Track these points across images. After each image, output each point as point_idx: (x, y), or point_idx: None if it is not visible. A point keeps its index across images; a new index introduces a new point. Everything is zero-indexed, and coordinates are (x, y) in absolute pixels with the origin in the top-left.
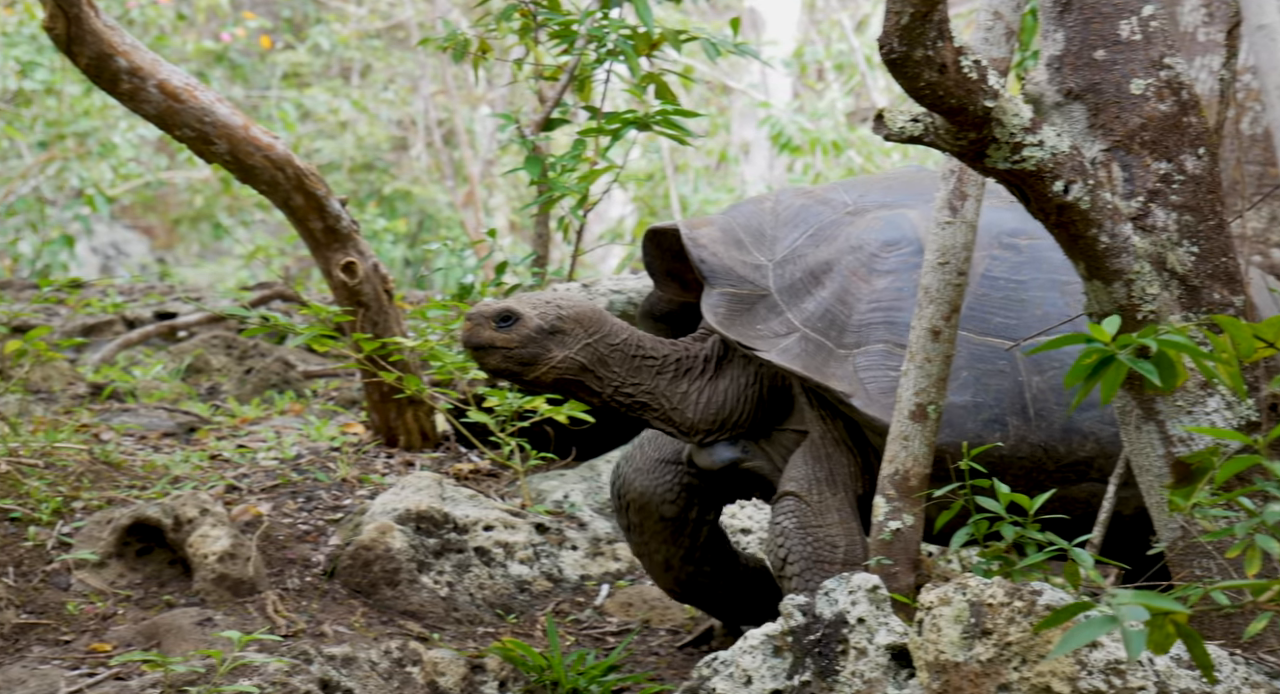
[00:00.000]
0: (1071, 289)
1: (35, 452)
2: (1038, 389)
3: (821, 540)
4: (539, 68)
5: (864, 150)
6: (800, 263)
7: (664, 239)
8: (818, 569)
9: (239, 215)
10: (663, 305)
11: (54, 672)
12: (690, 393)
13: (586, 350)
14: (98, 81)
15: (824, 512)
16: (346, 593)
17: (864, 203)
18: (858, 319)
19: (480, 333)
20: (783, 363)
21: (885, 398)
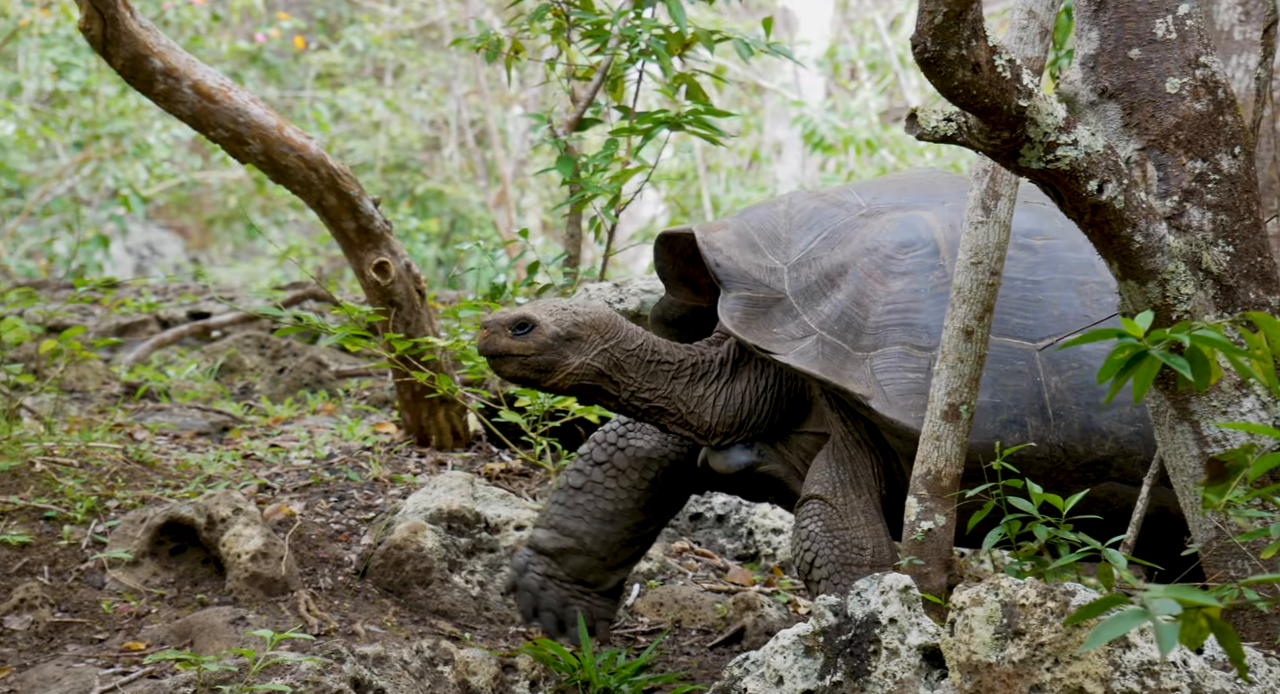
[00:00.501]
0: (1088, 289)
1: (70, 451)
2: (1056, 389)
3: (848, 543)
4: (572, 68)
5: (897, 149)
6: (815, 266)
7: (676, 243)
8: (845, 572)
9: (272, 215)
10: (675, 310)
11: (88, 670)
12: (707, 396)
13: (603, 356)
14: (133, 82)
15: (849, 514)
16: (378, 592)
17: (878, 205)
18: (874, 321)
19: (497, 341)
20: (800, 366)
21: (903, 400)
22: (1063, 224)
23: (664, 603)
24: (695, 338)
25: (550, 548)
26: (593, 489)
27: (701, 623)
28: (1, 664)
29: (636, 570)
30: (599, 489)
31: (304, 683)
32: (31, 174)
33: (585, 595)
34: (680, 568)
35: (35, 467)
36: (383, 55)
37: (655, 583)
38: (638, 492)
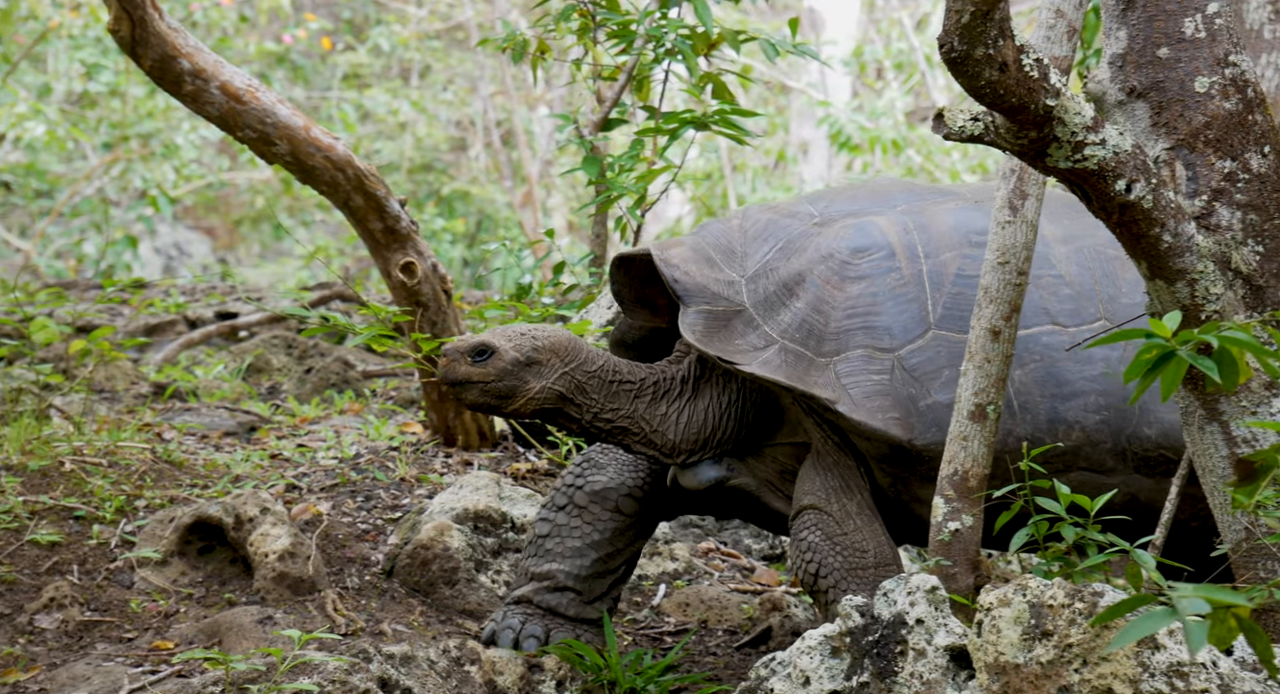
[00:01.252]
0: (1044, 282)
1: (99, 450)
2: (1020, 383)
3: (850, 547)
4: (597, 68)
5: (923, 149)
6: (772, 276)
7: (632, 266)
8: (852, 576)
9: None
10: (634, 333)
11: (117, 669)
12: (669, 414)
13: (564, 379)
14: (161, 83)
15: (846, 519)
16: (405, 592)
17: (830, 213)
18: (835, 327)
19: (456, 368)
20: (765, 374)
21: (869, 402)
22: None
23: (690, 603)
24: (654, 360)
25: (526, 594)
26: (558, 532)
27: (728, 623)
28: (32, 663)
29: (663, 571)
30: (564, 530)
31: (331, 682)
32: (61, 175)
33: (570, 623)
34: (706, 568)
35: (65, 466)
36: (409, 56)
37: (681, 583)
38: (602, 524)
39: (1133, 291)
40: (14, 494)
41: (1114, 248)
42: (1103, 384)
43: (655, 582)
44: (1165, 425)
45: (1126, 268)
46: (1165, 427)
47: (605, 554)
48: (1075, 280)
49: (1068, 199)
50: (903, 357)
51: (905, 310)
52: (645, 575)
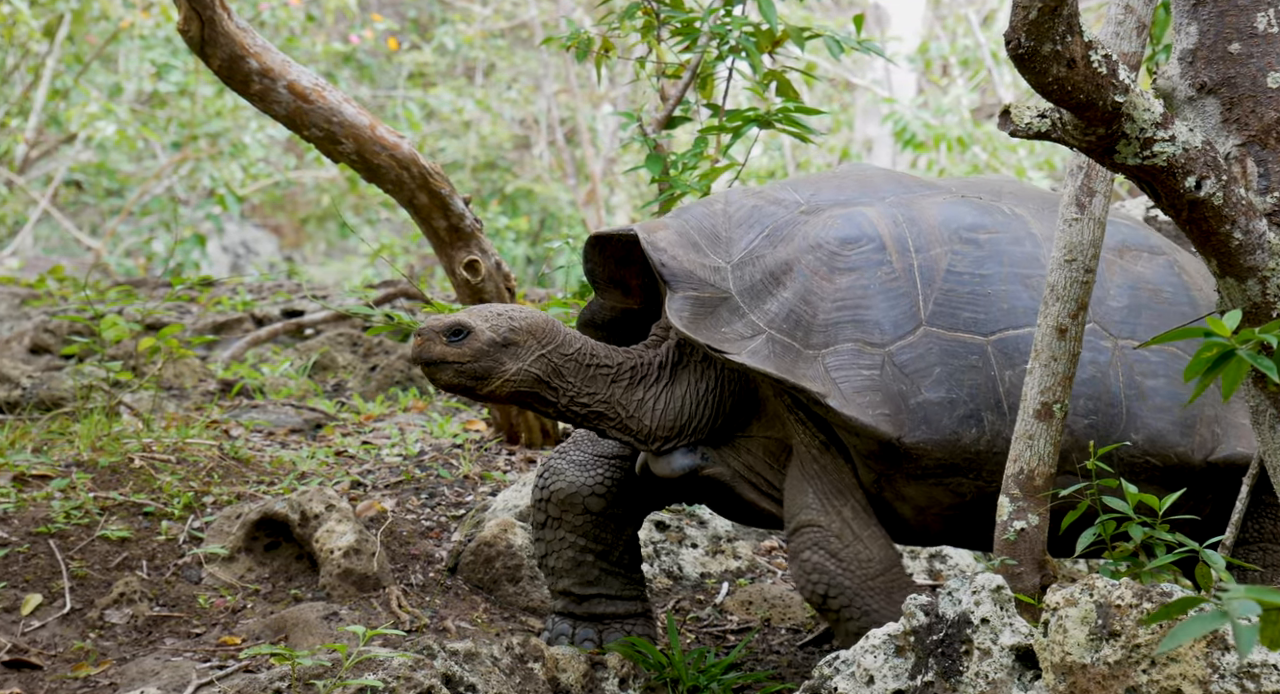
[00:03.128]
0: (1034, 282)
1: (168, 447)
2: (1010, 383)
3: (856, 561)
4: (661, 66)
5: (989, 146)
6: (759, 264)
7: (607, 246)
8: (864, 589)
9: (364, 214)
10: (605, 313)
11: (185, 664)
12: (646, 400)
13: (540, 361)
14: (229, 83)
15: (845, 530)
16: (469, 589)
17: (817, 202)
18: (823, 319)
19: (431, 348)
20: (754, 365)
21: (860, 397)
22: (1004, 219)
23: (753, 601)
24: (624, 341)
25: (561, 608)
26: (552, 549)
27: (791, 622)
28: (102, 657)
29: (726, 569)
30: (555, 545)
31: (396, 678)
32: (131, 174)
33: (615, 621)
34: (769, 566)
35: (134, 463)
36: (474, 54)
37: (744, 581)
38: (583, 528)
39: (1120, 294)
40: (85, 490)
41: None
42: (1091, 388)
43: (718, 580)
44: (1152, 431)
45: (1113, 269)
46: (1152, 433)
47: (600, 553)
48: None
49: (1051, 198)
50: (893, 352)
51: (896, 305)
52: (708, 573)
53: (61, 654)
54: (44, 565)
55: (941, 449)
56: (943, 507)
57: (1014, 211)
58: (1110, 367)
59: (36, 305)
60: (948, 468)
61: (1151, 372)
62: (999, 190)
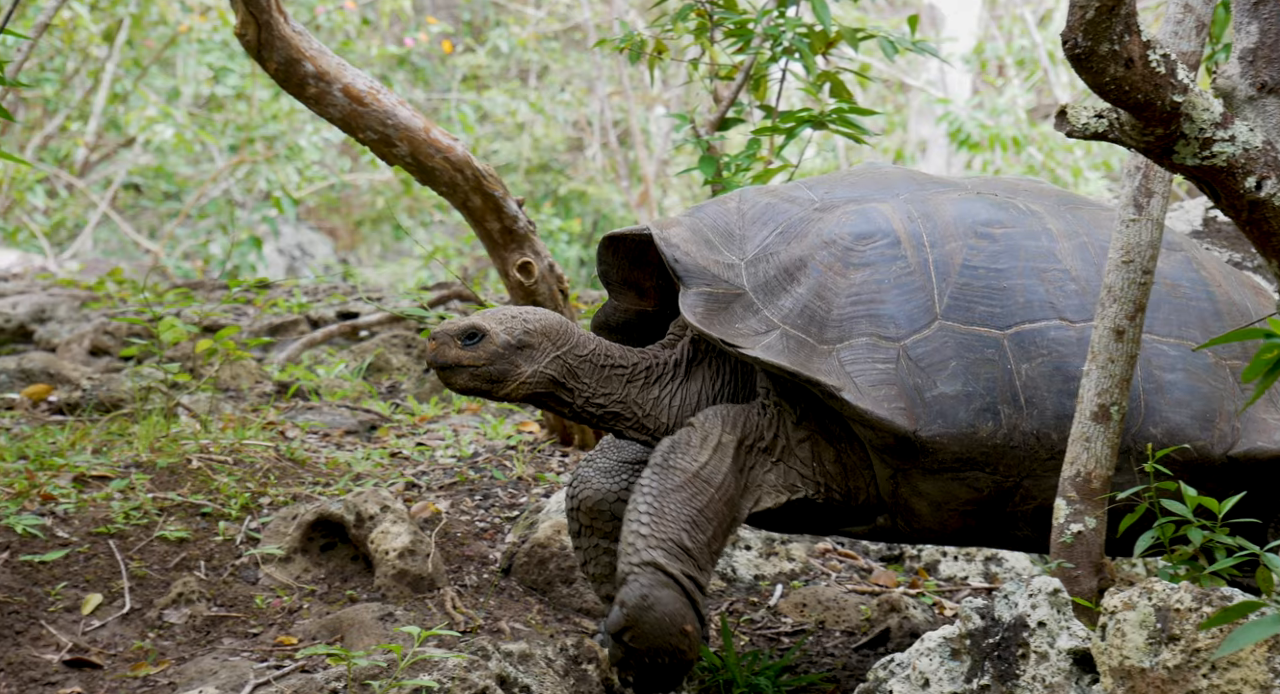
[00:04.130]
0: (1050, 277)
1: (225, 448)
2: (1027, 376)
3: (687, 453)
4: (714, 67)
5: (1045, 147)
6: (773, 260)
7: (621, 247)
8: (667, 471)
9: (419, 216)
10: (619, 315)
11: (243, 663)
12: (662, 398)
13: (555, 363)
14: (286, 86)
15: (707, 439)
16: (522, 590)
17: (831, 199)
18: (838, 313)
19: (446, 352)
20: (769, 359)
21: (875, 390)
22: (1019, 214)
23: (807, 604)
24: (638, 344)
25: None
26: (589, 556)
27: (845, 624)
28: (161, 657)
29: (779, 571)
30: (592, 552)
31: (451, 679)
32: (188, 177)
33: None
34: (823, 569)
35: (192, 464)
36: (527, 57)
37: (798, 583)
38: (616, 535)
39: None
40: (144, 491)
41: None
42: None
43: (772, 582)
44: (1171, 426)
45: None
46: (1172, 426)
47: None
48: (1080, 276)
49: (1066, 196)
50: (908, 346)
51: (911, 299)
52: (762, 576)
53: (121, 654)
54: (104, 565)
55: (958, 443)
56: (960, 502)
57: (1029, 207)
58: None
59: (96, 307)
60: (964, 462)
61: (1170, 366)
62: (1015, 188)
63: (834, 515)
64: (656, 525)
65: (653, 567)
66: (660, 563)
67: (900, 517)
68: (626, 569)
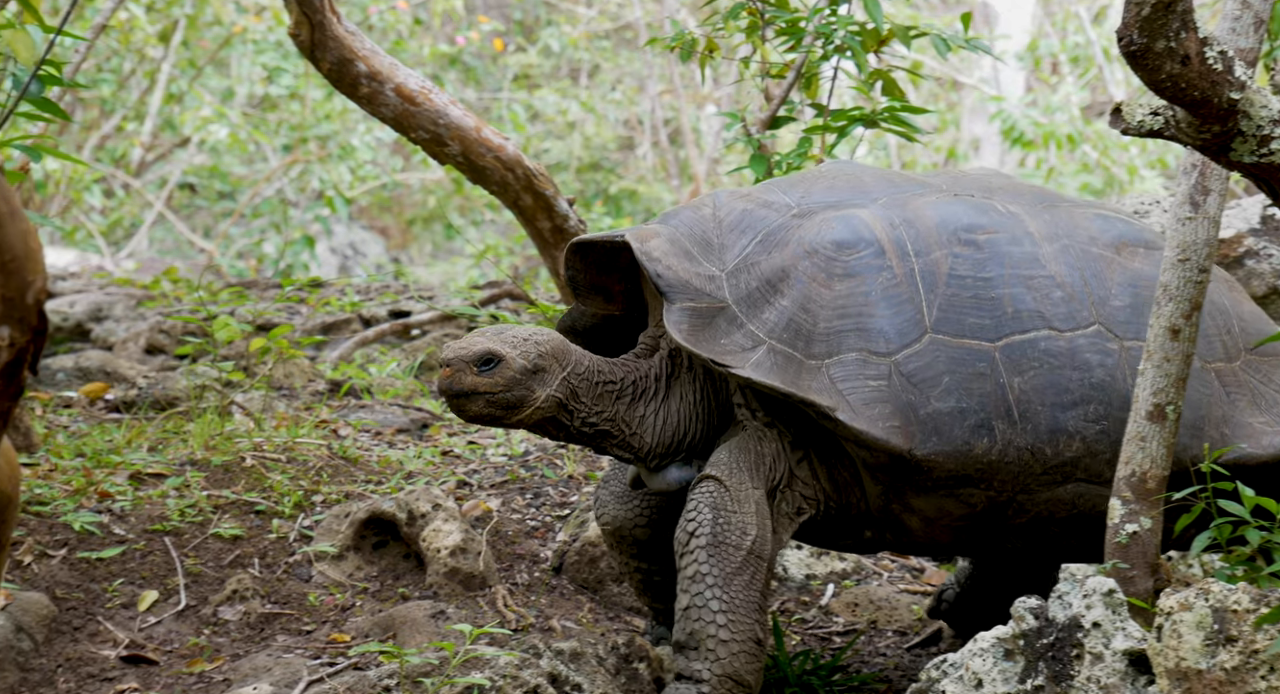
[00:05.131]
0: (1036, 284)
1: (278, 447)
2: (1020, 390)
3: (732, 524)
4: (766, 65)
5: (1099, 145)
6: (754, 271)
7: (590, 252)
8: (722, 550)
9: (470, 215)
10: (585, 320)
11: (297, 660)
12: (647, 416)
13: (563, 385)
14: (338, 86)
15: (742, 499)
16: (573, 588)
17: (808, 204)
18: (824, 327)
19: (462, 379)
20: (760, 379)
21: (869, 409)
22: (1000, 217)
23: (859, 603)
24: (604, 346)
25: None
26: (622, 570)
27: (897, 624)
28: (216, 653)
29: (831, 571)
30: (623, 568)
31: (502, 677)
32: (242, 177)
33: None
34: (875, 568)
35: (246, 462)
36: (578, 56)
37: (850, 583)
38: (640, 556)
39: (1122, 293)
40: (199, 488)
41: (1097, 246)
42: (1101, 393)
43: (823, 581)
44: None
45: (1113, 267)
46: None
47: (666, 571)
48: (1066, 282)
49: (1042, 194)
50: (900, 362)
51: (900, 312)
52: (814, 575)
53: (177, 650)
54: (160, 562)
55: (953, 460)
56: (953, 518)
57: (1009, 209)
58: (1118, 369)
59: (152, 306)
60: (959, 479)
61: None
62: (989, 186)
63: (821, 530)
64: (734, 626)
65: (733, 680)
66: (743, 677)
67: (890, 531)
68: (709, 675)
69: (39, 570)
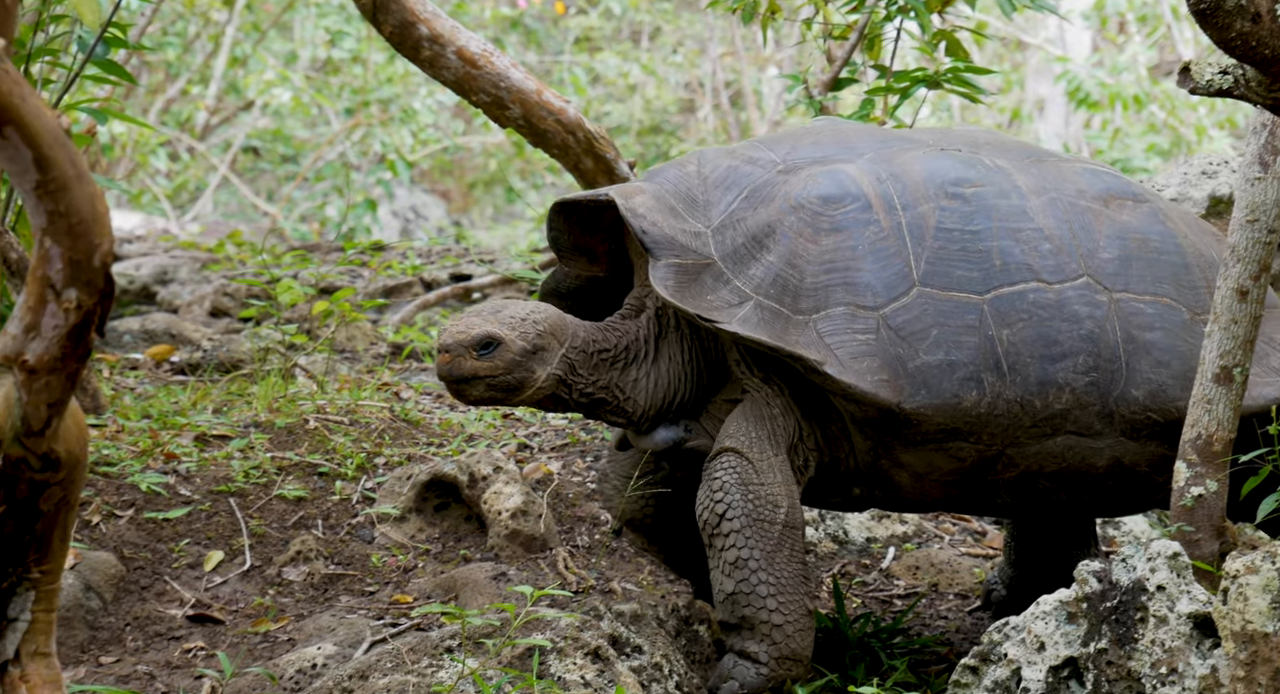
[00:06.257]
0: (1024, 237)
1: (341, 409)
2: (1009, 342)
3: (763, 498)
4: (828, 27)
5: (1167, 105)
6: (740, 227)
7: (573, 212)
8: (758, 528)
9: (530, 179)
10: (569, 282)
11: (360, 621)
12: (640, 380)
13: (563, 362)
14: (400, 49)
15: (766, 470)
16: (634, 551)
17: (794, 160)
18: (811, 282)
19: (462, 365)
20: (746, 333)
21: (857, 363)
22: (987, 171)
23: (920, 566)
24: (588, 308)
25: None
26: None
27: (959, 587)
28: (281, 613)
29: (892, 534)
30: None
31: (563, 639)
32: (305, 140)
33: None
34: (936, 531)
35: (309, 424)
36: (640, 18)
37: (911, 546)
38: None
39: (1110, 245)
40: (263, 450)
41: (1085, 199)
42: (1090, 344)
43: (884, 544)
44: (1153, 386)
45: (1100, 220)
46: (1153, 387)
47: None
48: (1054, 234)
49: (1029, 149)
50: (887, 315)
51: (887, 266)
52: (874, 538)
53: (242, 610)
54: (225, 523)
55: (942, 414)
56: (942, 473)
57: (996, 163)
58: (1107, 321)
59: (216, 269)
60: (948, 433)
61: (1148, 324)
62: (975, 141)
63: (811, 487)
64: (785, 607)
65: (790, 659)
66: (800, 653)
67: (879, 488)
68: (766, 658)
69: (107, 530)
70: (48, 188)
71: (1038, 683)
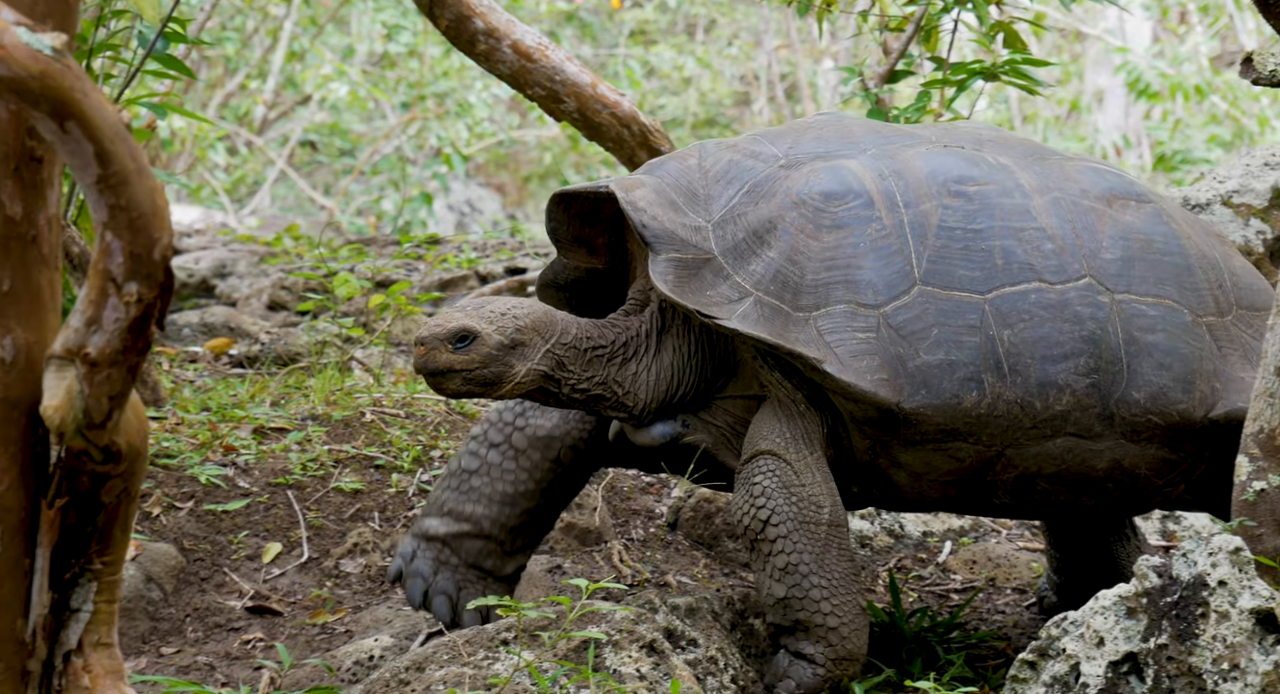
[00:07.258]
0: (1027, 236)
1: (397, 402)
2: (1010, 343)
3: (807, 500)
4: (884, 19)
5: (1229, 95)
6: (740, 222)
7: (572, 204)
8: (805, 530)
9: (585, 172)
10: (568, 274)
11: (416, 614)
12: (640, 374)
13: (546, 357)
14: (456, 43)
15: (804, 470)
16: (689, 544)
17: (797, 155)
18: (812, 279)
19: (437, 357)
20: (746, 330)
21: (857, 362)
22: (990, 169)
23: (977, 561)
24: (587, 303)
25: (442, 533)
26: (489, 471)
27: (1016, 582)
28: (338, 605)
29: (948, 527)
30: (495, 471)
31: (619, 631)
32: (362, 134)
33: (482, 581)
34: (994, 525)
35: (366, 417)
36: (695, 11)
37: (968, 540)
38: (539, 472)
39: (1113, 246)
40: (320, 443)
41: (1089, 199)
42: (1091, 346)
43: (940, 539)
44: (1154, 389)
45: (1103, 220)
46: (1155, 390)
47: (535, 506)
48: (1057, 234)
49: (1032, 147)
50: (888, 314)
51: (889, 264)
52: (930, 532)
53: (300, 601)
54: (283, 515)
55: (942, 414)
56: (941, 473)
57: (999, 161)
58: (1109, 322)
59: (274, 263)
60: (948, 433)
61: (1150, 326)
62: (979, 138)
63: None
64: (839, 609)
65: (846, 660)
66: (856, 653)
67: (877, 487)
68: (823, 660)
69: (167, 522)
70: (109, 182)
71: (1097, 678)
